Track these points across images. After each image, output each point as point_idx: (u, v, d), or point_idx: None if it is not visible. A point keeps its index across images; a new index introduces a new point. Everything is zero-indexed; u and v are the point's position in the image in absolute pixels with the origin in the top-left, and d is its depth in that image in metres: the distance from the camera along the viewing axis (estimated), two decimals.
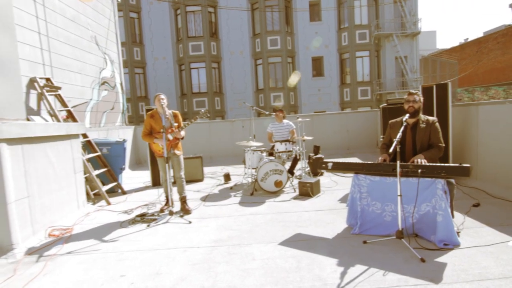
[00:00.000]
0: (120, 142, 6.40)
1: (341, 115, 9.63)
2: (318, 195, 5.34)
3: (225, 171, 8.00)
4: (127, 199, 5.96)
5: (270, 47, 20.25)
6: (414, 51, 21.04)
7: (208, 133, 9.61)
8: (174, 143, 4.84)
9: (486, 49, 31.23)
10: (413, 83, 20.64)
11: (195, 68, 20.51)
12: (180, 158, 4.95)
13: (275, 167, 5.57)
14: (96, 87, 8.04)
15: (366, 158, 8.52)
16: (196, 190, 6.26)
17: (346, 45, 20.76)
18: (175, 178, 5.01)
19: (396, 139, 3.10)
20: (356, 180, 3.66)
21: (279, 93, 20.35)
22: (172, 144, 4.82)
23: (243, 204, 5.15)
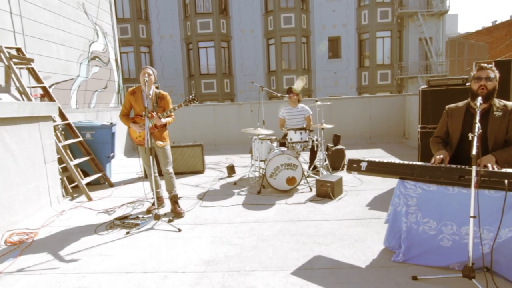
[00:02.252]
0: (107, 126, 5.48)
1: (363, 100, 8.48)
2: (340, 197, 4.34)
3: (229, 161, 7.05)
4: (112, 193, 5.09)
5: (284, 26, 18.86)
6: (440, 32, 19.33)
7: (213, 117, 8.63)
8: (154, 132, 3.87)
9: None
10: (438, 67, 19.06)
11: (203, 47, 19.35)
12: (165, 150, 4.00)
13: (287, 161, 4.58)
14: (84, 62, 7.10)
15: (393, 150, 7.43)
16: (194, 185, 5.33)
17: (366, 24, 19.19)
18: (162, 173, 4.09)
19: (475, 133, 2.05)
20: (401, 188, 2.64)
21: (292, 76, 19.08)
22: (152, 133, 3.85)
23: (247, 206, 4.21)
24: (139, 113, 3.86)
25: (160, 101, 3.91)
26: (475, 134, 2.01)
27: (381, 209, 3.85)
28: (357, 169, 2.81)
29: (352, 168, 2.85)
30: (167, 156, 4.03)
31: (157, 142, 3.91)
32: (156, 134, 3.91)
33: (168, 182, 4.09)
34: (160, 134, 3.94)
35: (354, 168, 2.84)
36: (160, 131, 3.94)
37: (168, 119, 3.97)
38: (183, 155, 5.98)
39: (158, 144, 3.91)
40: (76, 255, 3.08)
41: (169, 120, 3.98)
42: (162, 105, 3.92)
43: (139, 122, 3.88)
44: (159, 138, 3.94)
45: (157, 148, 3.97)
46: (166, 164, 4.03)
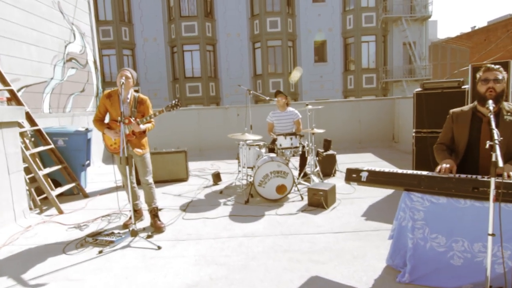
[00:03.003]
0: (82, 132, 5.06)
1: (352, 103, 8.30)
2: (333, 206, 4.08)
3: (215, 168, 6.71)
4: (87, 205, 4.66)
5: (270, 29, 18.71)
6: (423, 36, 19.61)
7: (197, 121, 8.27)
8: (132, 139, 3.52)
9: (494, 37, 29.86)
10: (421, 71, 19.29)
11: (188, 50, 18.95)
12: (145, 158, 3.64)
13: (277, 168, 4.29)
14: (59, 64, 6.63)
15: (383, 154, 7.26)
16: (177, 194, 4.97)
17: (351, 28, 19.26)
18: (141, 184, 3.72)
19: (496, 140, 1.80)
20: (407, 201, 2.38)
21: (278, 79, 18.92)
22: (130, 140, 3.50)
23: (234, 218, 3.88)
24: (115, 118, 3.50)
25: (139, 105, 3.57)
26: (496, 142, 1.76)
27: (377, 219, 3.60)
28: (357, 180, 2.54)
29: (351, 178, 2.58)
30: (147, 165, 3.67)
31: (135, 150, 3.55)
32: (134, 141, 3.55)
33: (148, 193, 3.73)
34: (138, 141, 3.58)
35: (353, 178, 2.56)
36: (139, 138, 3.59)
37: (148, 126, 3.63)
38: (165, 162, 5.60)
39: (136, 152, 3.56)
40: (39, 279, 2.69)
41: (148, 126, 3.64)
42: (142, 110, 3.57)
43: (114, 128, 3.52)
44: (137, 145, 3.58)
45: (135, 157, 3.62)
46: (145, 173, 3.67)
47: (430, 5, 19.17)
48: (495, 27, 28.80)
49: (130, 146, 3.55)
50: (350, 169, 2.63)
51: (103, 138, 3.66)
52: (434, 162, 4.37)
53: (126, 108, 3.51)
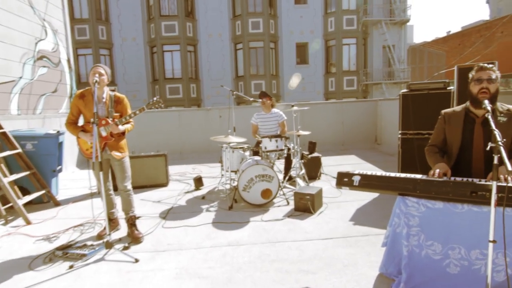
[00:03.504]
0: (52, 135, 4.71)
1: (335, 105, 8.27)
2: (320, 211, 3.95)
3: (197, 172, 6.47)
4: (58, 214, 4.33)
5: (252, 31, 18.59)
6: (402, 40, 20.04)
7: (178, 123, 7.98)
8: (110, 142, 3.27)
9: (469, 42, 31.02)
10: (400, 73, 19.70)
11: (168, 50, 18.52)
12: (123, 163, 3.39)
13: (262, 172, 4.12)
14: (29, 62, 6.20)
15: (366, 156, 7.24)
16: (156, 201, 4.70)
17: (332, 31, 19.43)
18: (118, 190, 3.47)
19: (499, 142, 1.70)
20: (402, 206, 2.26)
21: (260, 81, 18.80)
22: (107, 142, 3.25)
23: (218, 225, 3.68)
24: (90, 120, 3.23)
25: (116, 105, 3.31)
26: (500, 144, 1.65)
27: (366, 223, 3.50)
28: (349, 184, 2.40)
29: (343, 183, 2.44)
30: (125, 170, 3.42)
31: (113, 153, 3.29)
32: (112, 144, 3.30)
33: (125, 200, 3.47)
34: (117, 143, 3.33)
35: (345, 183, 2.43)
36: (117, 140, 3.33)
37: (127, 126, 3.38)
38: (144, 166, 5.32)
39: (114, 155, 3.30)
40: None
41: (128, 127, 3.39)
42: (119, 109, 3.32)
43: (90, 130, 3.24)
44: (115, 148, 3.32)
45: (113, 161, 3.36)
46: (124, 179, 3.41)
47: (408, 9, 19.62)
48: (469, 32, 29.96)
49: (108, 149, 3.29)
50: (342, 173, 2.50)
51: (78, 142, 3.37)
52: (421, 164, 4.34)
53: (102, 108, 3.26)
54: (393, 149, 7.27)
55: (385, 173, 2.36)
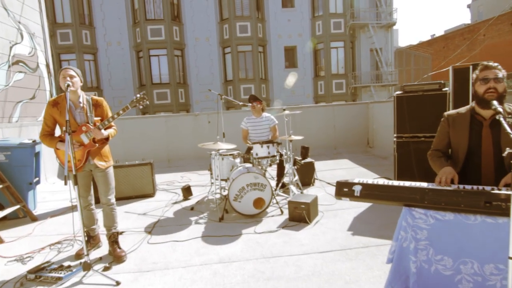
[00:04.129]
0: (27, 144, 4.39)
1: (326, 108, 8.13)
2: (316, 220, 3.74)
3: (185, 180, 6.20)
4: (34, 230, 4.00)
5: (240, 34, 18.43)
6: (389, 43, 20.22)
7: (165, 129, 7.70)
8: (94, 149, 3.01)
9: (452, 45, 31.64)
10: (388, 76, 19.84)
11: (155, 55, 18.17)
12: (107, 173, 3.13)
13: (254, 180, 3.90)
14: (3, 67, 5.84)
15: (359, 160, 7.10)
16: (142, 213, 4.42)
17: (320, 34, 19.45)
18: (101, 203, 3.19)
19: None
20: (408, 218, 2.07)
21: (249, 85, 18.63)
22: (90, 150, 2.99)
23: (208, 239, 3.43)
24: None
25: (96, 109, 3.04)
26: None
27: (365, 233, 3.31)
28: (349, 195, 2.20)
29: (343, 193, 2.24)
30: (109, 182, 3.14)
31: (97, 163, 3.02)
32: (95, 151, 3.02)
33: (108, 215, 3.19)
34: (99, 151, 3.06)
35: (345, 193, 2.23)
36: (100, 147, 3.06)
37: (110, 131, 3.09)
38: (128, 176, 5.03)
39: (99, 165, 3.03)
40: None
41: (111, 132, 3.10)
42: (99, 113, 3.05)
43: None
44: (99, 157, 3.05)
45: (96, 171, 3.08)
46: (107, 192, 3.14)
47: (394, 13, 19.81)
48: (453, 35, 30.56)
49: (91, 159, 3.01)
50: (341, 183, 2.29)
51: (57, 154, 3.06)
52: (418, 168, 4.19)
53: (80, 114, 2.98)
54: (386, 152, 7.15)
55: (389, 182, 2.17)
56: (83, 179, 3.10)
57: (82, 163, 2.97)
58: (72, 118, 2.94)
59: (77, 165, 2.98)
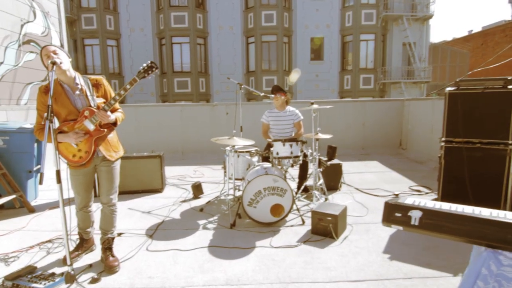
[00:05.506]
0: (27, 129, 4.03)
1: (355, 104, 7.41)
2: (344, 236, 3.16)
3: (198, 175, 5.74)
4: (29, 224, 3.65)
5: (265, 24, 17.74)
6: (423, 37, 18.91)
7: (180, 119, 7.26)
8: (100, 137, 2.55)
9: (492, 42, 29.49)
10: (421, 73, 18.60)
11: (177, 43, 17.83)
12: (114, 168, 2.68)
13: (273, 184, 3.35)
14: (12, 46, 5.54)
15: (390, 163, 6.38)
16: (146, 211, 3.98)
17: (349, 26, 18.43)
18: (101, 203, 2.74)
19: None
20: (492, 264, 1.46)
21: (272, 77, 17.98)
22: (97, 138, 2.53)
23: (215, 250, 2.92)
24: (67, 118, 2.50)
25: (96, 89, 2.57)
26: None
27: (406, 258, 2.69)
28: (403, 223, 1.61)
29: (394, 220, 1.65)
30: (114, 179, 2.68)
31: (107, 154, 2.57)
32: (106, 142, 2.57)
33: (107, 218, 2.74)
34: (109, 139, 2.60)
35: (397, 220, 1.64)
36: (106, 134, 2.58)
37: (118, 115, 2.60)
38: (136, 169, 4.61)
39: (108, 156, 2.57)
40: None
41: (118, 116, 2.61)
42: (101, 94, 2.57)
43: (70, 130, 2.49)
44: (108, 147, 2.59)
45: (102, 166, 2.62)
46: (110, 190, 2.68)
47: (432, 4, 18.46)
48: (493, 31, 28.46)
49: (100, 150, 2.56)
50: (391, 205, 1.70)
51: (59, 149, 2.57)
52: (471, 181, 3.50)
53: (80, 98, 2.51)
54: (422, 156, 6.41)
55: (462, 209, 1.56)
56: (86, 176, 2.65)
57: (90, 155, 2.51)
58: (71, 105, 2.48)
59: (83, 158, 2.54)
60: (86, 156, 2.50)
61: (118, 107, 2.67)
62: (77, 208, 2.76)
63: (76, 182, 2.64)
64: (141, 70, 2.42)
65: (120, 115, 2.65)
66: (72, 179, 2.63)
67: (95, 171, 2.69)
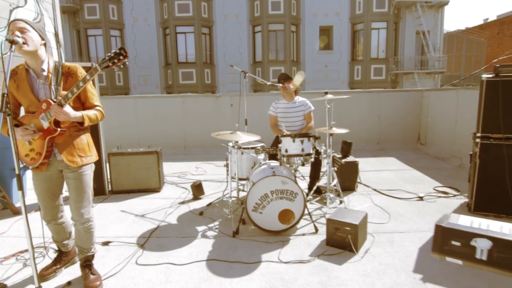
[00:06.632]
0: None
1: (371, 95, 6.87)
2: (366, 249, 2.71)
3: (200, 172, 5.33)
4: (10, 228, 3.29)
5: (272, 12, 17.08)
6: (438, 25, 18.04)
7: (182, 112, 6.82)
8: (61, 139, 2.13)
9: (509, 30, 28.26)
10: (435, 62, 17.80)
11: (181, 32, 17.31)
12: (82, 175, 2.21)
13: (282, 186, 2.91)
14: (0, 33, 5.13)
15: (409, 159, 5.87)
16: (140, 214, 3.58)
17: (360, 13, 17.65)
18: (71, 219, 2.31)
19: None
20: None
21: (279, 67, 17.39)
22: (51, 138, 2.11)
23: (215, 265, 2.50)
24: (29, 110, 2.12)
25: (66, 79, 2.12)
26: None
27: (442, 280, 2.21)
28: (464, 256, 1.19)
29: (450, 251, 1.23)
30: (84, 188, 2.22)
31: (68, 158, 2.13)
32: (65, 141, 2.13)
33: (81, 236, 2.31)
34: (72, 141, 2.15)
35: (454, 252, 1.21)
36: (72, 135, 2.16)
37: (88, 113, 2.13)
38: (130, 166, 4.21)
39: (68, 162, 2.13)
40: None
41: (89, 114, 2.13)
42: (71, 84, 2.09)
43: (27, 122, 2.10)
44: (71, 150, 2.15)
45: (67, 172, 2.19)
46: (80, 203, 2.21)
47: None
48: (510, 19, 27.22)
49: (58, 153, 2.13)
50: (445, 229, 1.28)
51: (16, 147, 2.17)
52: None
53: (45, 87, 2.09)
54: (444, 152, 5.88)
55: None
56: (48, 182, 2.21)
57: (42, 158, 2.09)
58: (31, 94, 2.07)
59: (36, 160, 2.12)
60: (38, 158, 2.08)
61: (96, 103, 2.22)
62: (44, 220, 2.34)
63: (38, 189, 2.22)
64: (105, 57, 1.90)
65: (94, 114, 2.16)
66: (34, 184, 2.22)
67: (60, 176, 2.23)
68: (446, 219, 1.33)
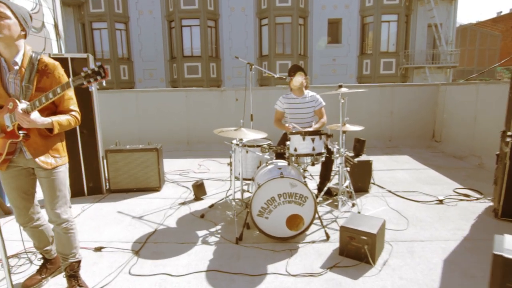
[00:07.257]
0: None
1: (383, 90, 6.52)
2: (384, 260, 2.43)
3: (202, 170, 5.09)
4: None
5: (279, 4, 16.64)
6: (451, 18, 17.43)
7: (185, 106, 6.57)
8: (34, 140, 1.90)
9: None
10: (447, 56, 17.24)
11: (187, 25, 16.99)
12: (55, 173, 1.98)
13: (290, 189, 2.64)
14: None
15: (424, 158, 5.55)
16: (137, 216, 3.34)
17: (370, 6, 17.12)
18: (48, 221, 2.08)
19: None
20: None
21: (286, 61, 17.00)
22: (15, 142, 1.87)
23: (215, 277, 2.26)
24: None
25: (41, 76, 1.88)
26: None
27: None
28: None
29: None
30: (58, 186, 1.99)
31: (41, 159, 1.90)
32: (37, 142, 1.90)
33: (62, 239, 2.08)
34: (42, 142, 1.92)
35: None
36: (44, 138, 1.92)
37: (60, 119, 1.89)
38: (129, 164, 3.97)
39: (42, 163, 1.90)
40: None
41: (60, 121, 1.89)
42: (45, 85, 1.87)
43: None
44: (40, 150, 1.92)
45: (39, 171, 1.96)
46: (54, 201, 1.99)
47: None
48: None
49: (27, 152, 1.91)
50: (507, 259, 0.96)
51: None
52: None
53: (16, 81, 1.86)
54: (461, 150, 5.54)
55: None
56: (18, 180, 1.99)
57: (2, 158, 1.86)
58: (1, 87, 1.83)
59: None
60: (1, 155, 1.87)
61: (72, 107, 1.97)
62: (19, 224, 2.11)
63: (7, 188, 2.00)
64: (82, 74, 1.67)
65: (67, 120, 1.92)
66: (3, 183, 2.00)
67: (31, 174, 2.01)
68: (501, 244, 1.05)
